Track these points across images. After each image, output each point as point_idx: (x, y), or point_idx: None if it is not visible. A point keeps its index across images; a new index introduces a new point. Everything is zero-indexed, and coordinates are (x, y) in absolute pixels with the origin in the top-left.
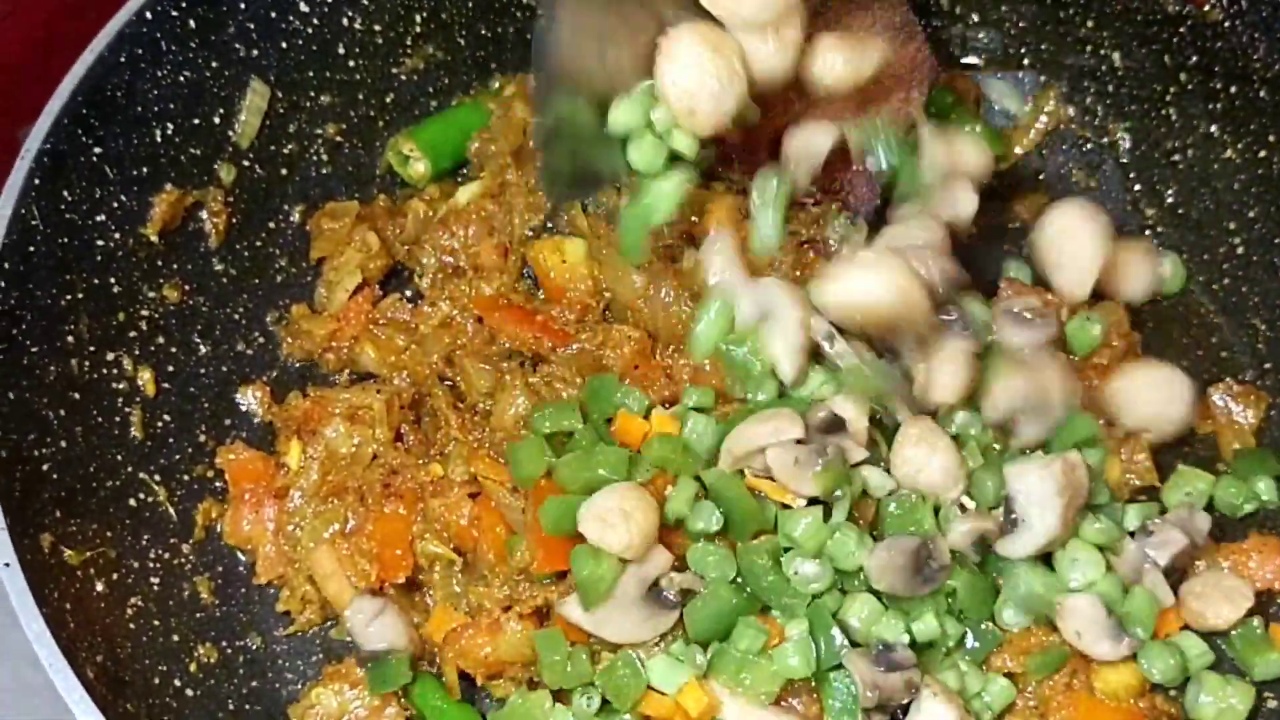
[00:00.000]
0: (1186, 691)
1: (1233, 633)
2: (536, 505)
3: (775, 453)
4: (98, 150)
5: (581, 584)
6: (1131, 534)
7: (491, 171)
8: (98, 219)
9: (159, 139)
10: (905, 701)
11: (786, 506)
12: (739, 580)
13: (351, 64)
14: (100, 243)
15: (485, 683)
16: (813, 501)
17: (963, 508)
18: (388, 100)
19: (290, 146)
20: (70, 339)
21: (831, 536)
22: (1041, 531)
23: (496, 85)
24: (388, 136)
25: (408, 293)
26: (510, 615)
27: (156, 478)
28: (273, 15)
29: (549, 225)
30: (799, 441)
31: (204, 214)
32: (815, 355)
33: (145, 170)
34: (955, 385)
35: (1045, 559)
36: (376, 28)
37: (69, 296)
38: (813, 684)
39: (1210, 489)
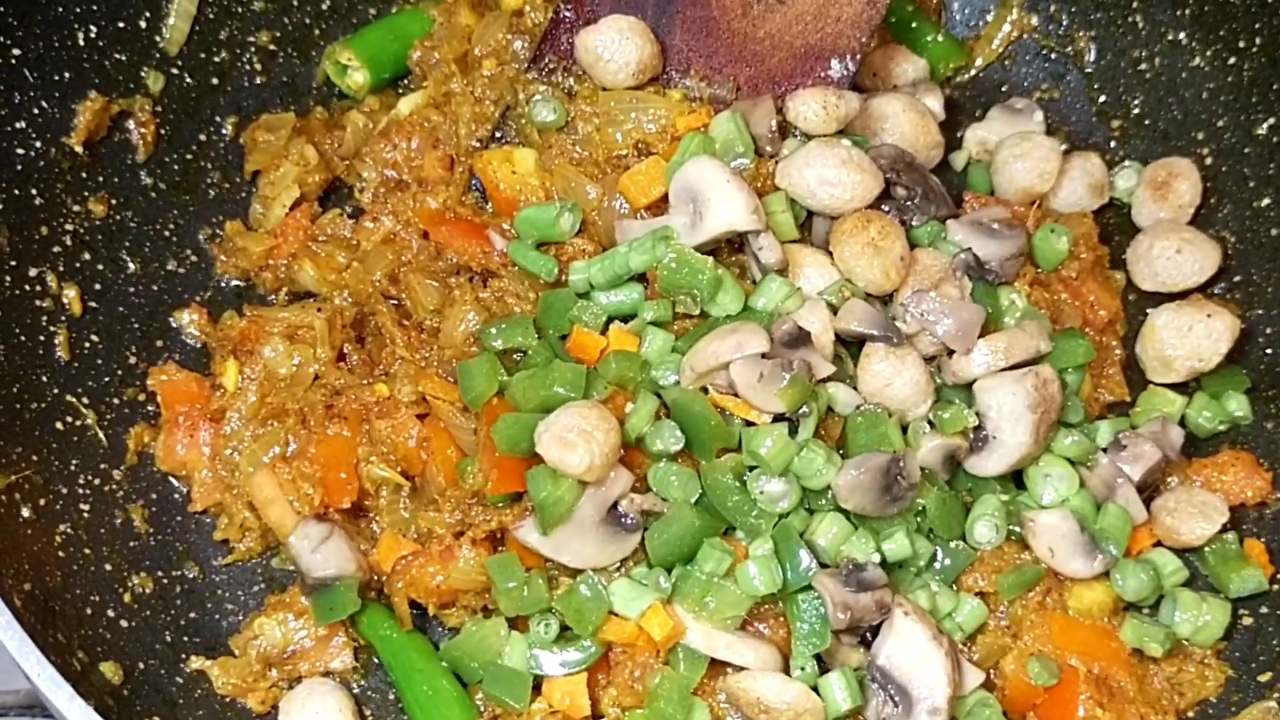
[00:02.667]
0: (1160, 609)
1: (1206, 549)
2: (489, 425)
3: (739, 367)
4: (16, 52)
5: (540, 507)
6: (1104, 450)
7: (435, 80)
8: (17, 125)
9: (81, 42)
10: (876, 623)
11: (750, 424)
12: (702, 500)
13: None
14: (20, 151)
15: (437, 611)
16: (778, 419)
17: (931, 424)
18: (324, 6)
19: (221, 54)
20: None
21: (798, 454)
22: (1013, 447)
23: None
24: (324, 45)
25: (348, 208)
26: (462, 541)
27: (85, 400)
28: None
29: (497, 135)
30: (763, 356)
31: (131, 124)
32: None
33: (67, 75)
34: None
35: (1016, 476)
36: None
37: None
38: (780, 606)
39: (1180, 410)
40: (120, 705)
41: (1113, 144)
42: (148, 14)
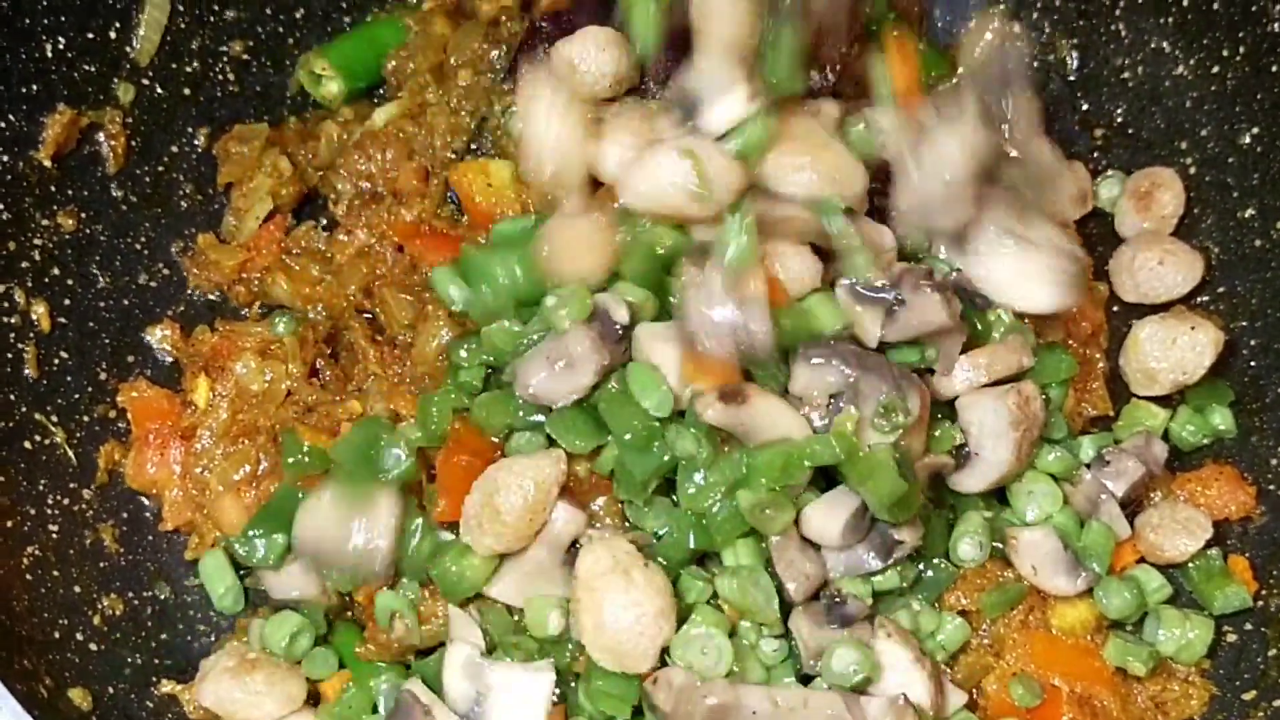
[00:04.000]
0: (1144, 627)
1: (1190, 565)
2: (446, 456)
3: None
4: None
5: (439, 579)
6: (1087, 466)
7: (410, 91)
8: None
9: (49, 54)
10: None
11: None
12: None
13: None
14: None
15: None
16: None
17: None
18: (298, 15)
19: (193, 64)
20: None
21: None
22: (996, 464)
23: None
24: (298, 54)
25: (322, 221)
26: None
27: (54, 418)
28: None
29: (473, 147)
30: None
31: (101, 136)
32: None
33: (35, 88)
34: None
35: (999, 492)
36: None
37: None
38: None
39: (1164, 424)
40: None
41: (1095, 153)
42: (117, 24)
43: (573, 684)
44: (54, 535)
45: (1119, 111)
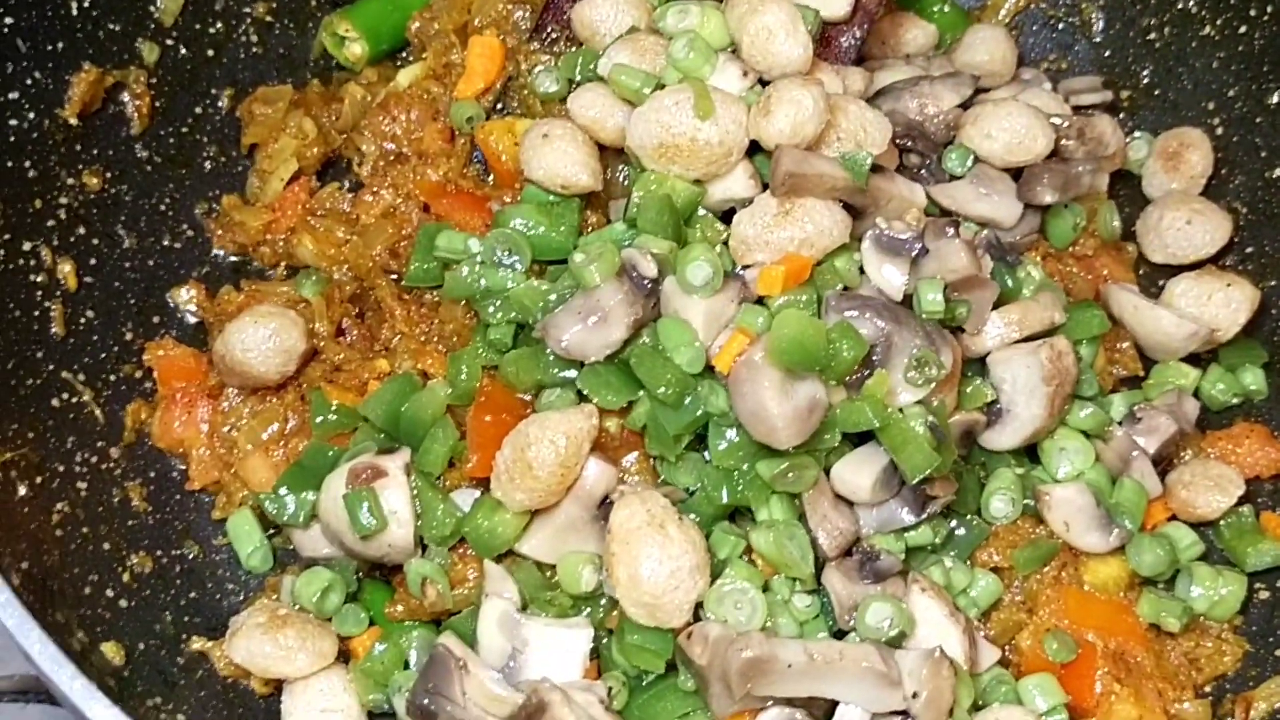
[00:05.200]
0: (1176, 584)
1: (1222, 523)
2: (478, 412)
3: None
4: (8, 21)
5: (471, 539)
6: (1118, 423)
7: (435, 51)
8: (10, 96)
9: (75, 12)
10: None
11: None
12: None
13: None
14: (13, 123)
15: None
16: None
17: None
18: None
19: (217, 25)
20: None
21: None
22: (1028, 420)
23: None
24: (321, 16)
25: (347, 182)
26: None
27: (81, 377)
28: None
29: (499, 106)
30: None
31: (125, 96)
32: None
33: (61, 46)
34: None
35: (1031, 450)
36: None
37: None
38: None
39: (1195, 383)
40: (121, 686)
41: (1122, 115)
42: None
43: (605, 639)
44: (83, 492)
45: (1146, 72)
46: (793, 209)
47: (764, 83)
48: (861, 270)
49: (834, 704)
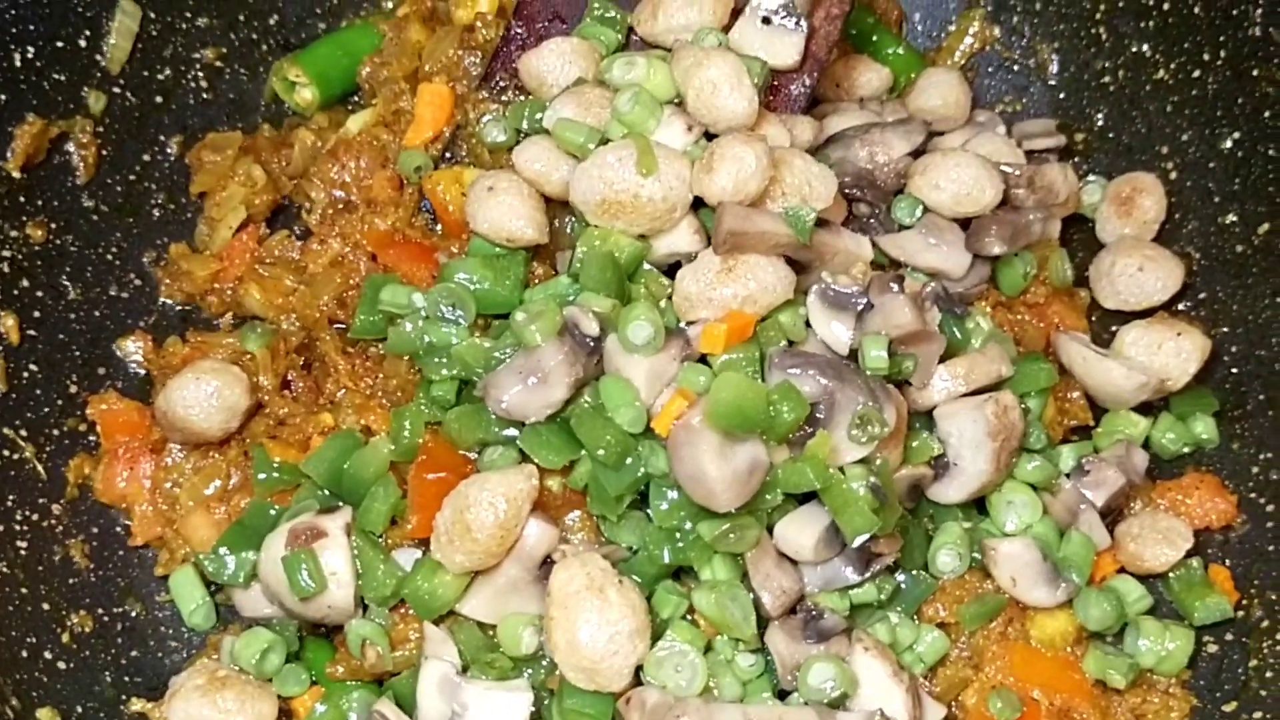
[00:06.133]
0: (1124, 638)
1: (1171, 575)
2: (419, 469)
3: None
4: None
5: (411, 600)
6: (1066, 475)
7: (385, 98)
8: None
9: (18, 63)
10: None
11: None
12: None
13: None
14: None
15: None
16: None
17: None
18: (271, 22)
19: (165, 72)
20: None
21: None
22: (974, 475)
23: (390, 5)
24: (272, 61)
25: (296, 229)
26: None
27: (23, 432)
28: None
29: (448, 155)
30: None
31: (71, 146)
32: None
33: (3, 98)
34: None
35: (979, 502)
36: None
37: None
38: None
39: (1145, 432)
40: None
41: (1076, 158)
42: (88, 32)
43: (546, 701)
44: (22, 551)
45: (1100, 115)
46: (736, 266)
47: (710, 136)
48: (807, 324)
49: None
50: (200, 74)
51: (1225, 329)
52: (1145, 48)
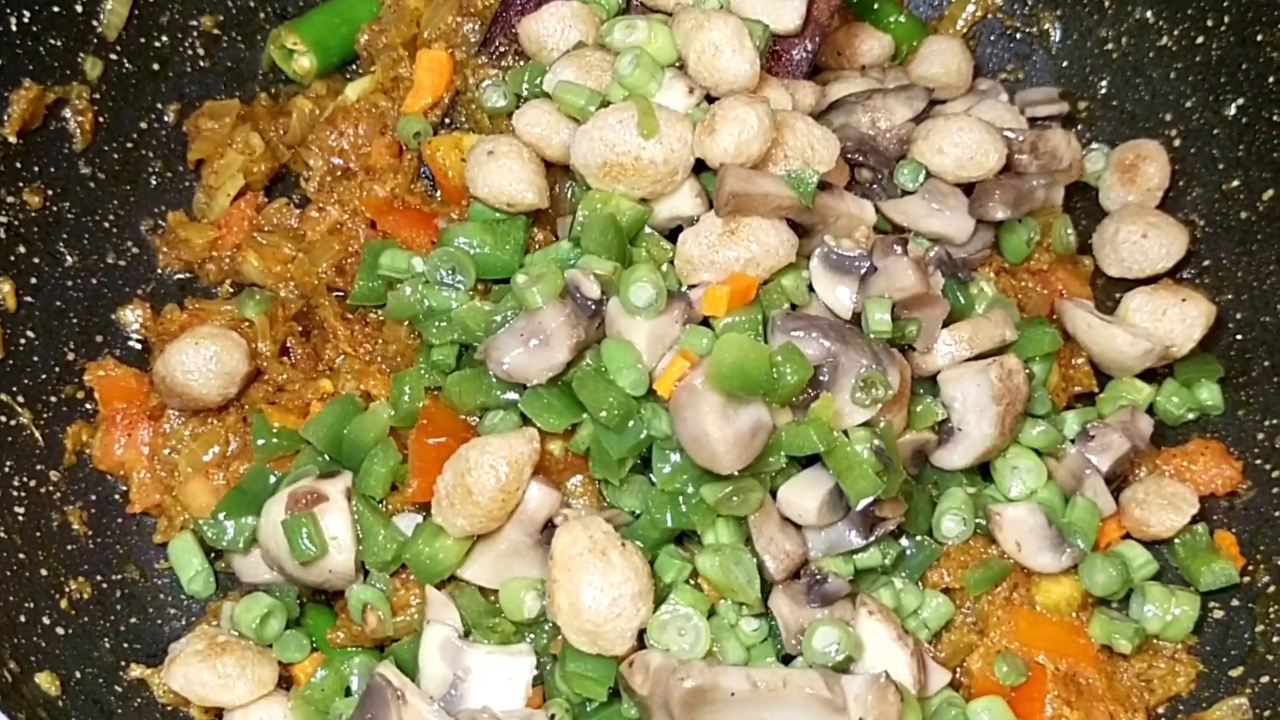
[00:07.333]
0: (1130, 604)
1: (1176, 541)
2: (420, 434)
3: None
4: None
5: (412, 564)
6: (1071, 441)
7: (383, 65)
8: None
9: (14, 28)
10: None
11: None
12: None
13: None
14: None
15: None
16: None
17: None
18: None
19: (163, 39)
20: None
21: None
22: (979, 439)
23: None
24: (269, 29)
25: (294, 197)
26: None
27: (20, 399)
28: None
29: (447, 121)
30: None
31: (68, 112)
32: None
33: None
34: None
35: (983, 468)
36: None
37: None
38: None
39: (1149, 399)
40: (55, 718)
41: (1079, 126)
42: None
43: (549, 666)
44: (20, 517)
45: (1103, 83)
46: (738, 228)
47: (711, 99)
48: (810, 288)
49: None
50: (198, 41)
51: (1230, 295)
52: (1149, 14)
